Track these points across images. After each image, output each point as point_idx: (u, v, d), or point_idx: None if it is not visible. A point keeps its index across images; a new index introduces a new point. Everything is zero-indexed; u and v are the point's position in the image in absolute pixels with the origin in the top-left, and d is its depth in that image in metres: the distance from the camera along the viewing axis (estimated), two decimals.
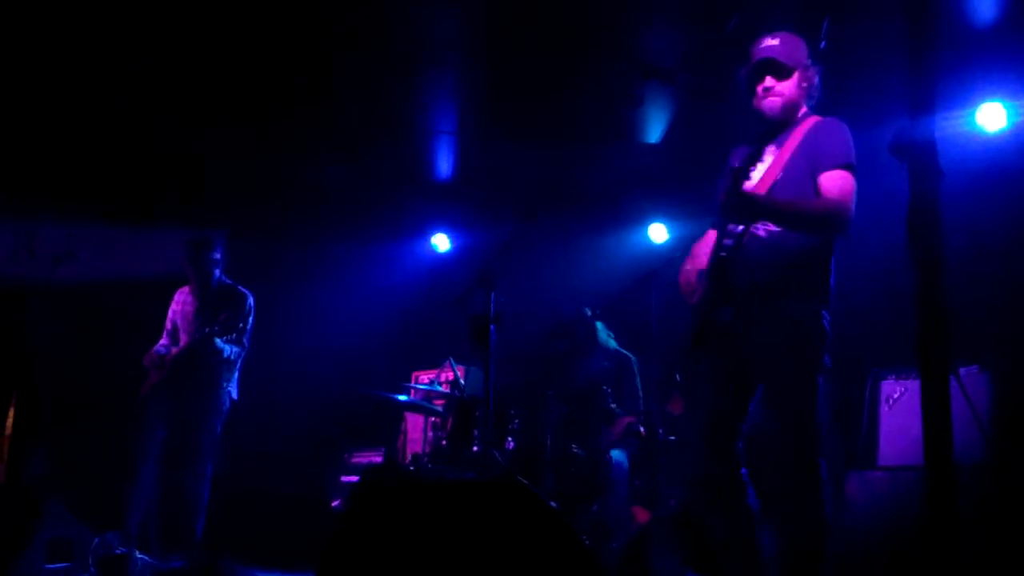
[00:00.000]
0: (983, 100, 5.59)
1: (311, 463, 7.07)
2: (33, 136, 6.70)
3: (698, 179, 4.33)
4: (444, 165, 7.52)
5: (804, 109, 3.47)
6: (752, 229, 3.25)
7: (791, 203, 3.24)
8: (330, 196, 7.66)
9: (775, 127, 3.43)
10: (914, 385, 4.67)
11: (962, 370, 4.47)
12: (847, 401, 5.37)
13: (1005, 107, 5.57)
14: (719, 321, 3.27)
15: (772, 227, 3.24)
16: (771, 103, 3.38)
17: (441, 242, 8.12)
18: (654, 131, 6.64)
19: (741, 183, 3.11)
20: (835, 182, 3.23)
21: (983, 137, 5.60)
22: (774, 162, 3.32)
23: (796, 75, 3.38)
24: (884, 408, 4.82)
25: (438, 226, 8.11)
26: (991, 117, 5.58)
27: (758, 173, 3.33)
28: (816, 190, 3.27)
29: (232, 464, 6.08)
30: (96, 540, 5.22)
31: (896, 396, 4.81)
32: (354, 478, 6.47)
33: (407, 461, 6.02)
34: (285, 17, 5.36)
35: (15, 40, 5.47)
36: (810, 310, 3.26)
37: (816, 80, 3.44)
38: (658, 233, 7.13)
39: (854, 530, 4.54)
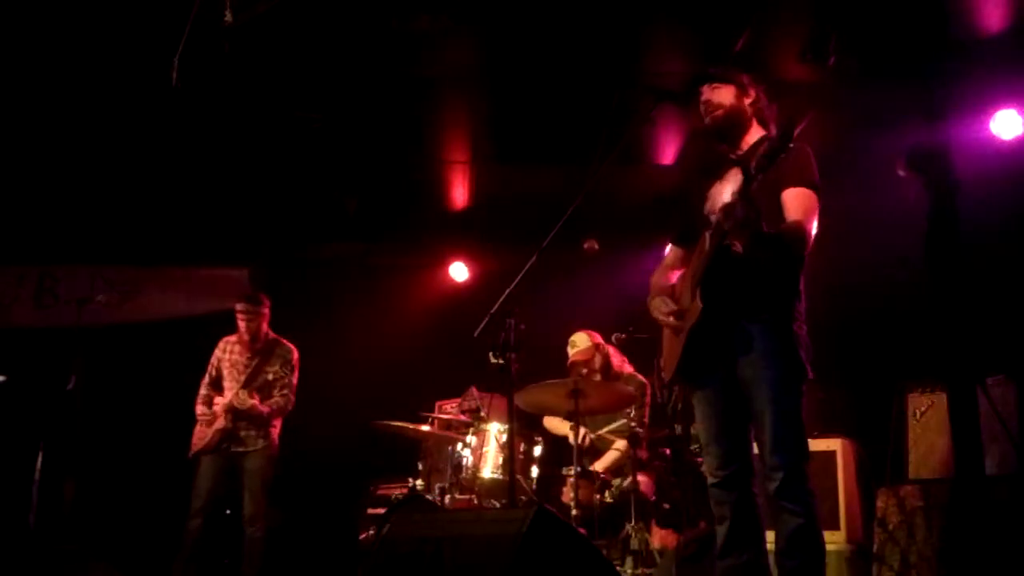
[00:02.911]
0: (998, 108, 5.57)
1: (337, 495, 7.06)
2: (55, 180, 6.78)
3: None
4: (459, 194, 7.55)
5: (760, 128, 3.52)
6: (729, 245, 3.25)
7: (780, 235, 3.24)
8: (349, 228, 7.71)
9: (731, 144, 3.51)
10: (941, 398, 4.62)
11: (988, 380, 4.42)
12: (874, 416, 5.32)
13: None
14: (713, 339, 3.28)
15: (736, 248, 3.23)
16: (713, 115, 3.48)
17: (459, 271, 8.13)
18: (668, 152, 6.66)
19: (749, 192, 3.07)
20: (799, 200, 3.27)
21: (999, 145, 5.58)
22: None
23: (733, 88, 3.49)
24: (912, 422, 4.77)
25: (456, 255, 8.13)
26: (1006, 125, 5.55)
27: (726, 193, 3.34)
28: (780, 206, 3.28)
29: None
30: None
31: (924, 409, 4.76)
32: (381, 510, 6.45)
33: (433, 491, 6.00)
34: (297, 50, 5.42)
35: (38, 76, 5.56)
36: (791, 320, 3.30)
37: (764, 100, 3.53)
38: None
39: (889, 545, 4.50)
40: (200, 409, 5.96)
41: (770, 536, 3.32)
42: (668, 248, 3.78)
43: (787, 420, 3.22)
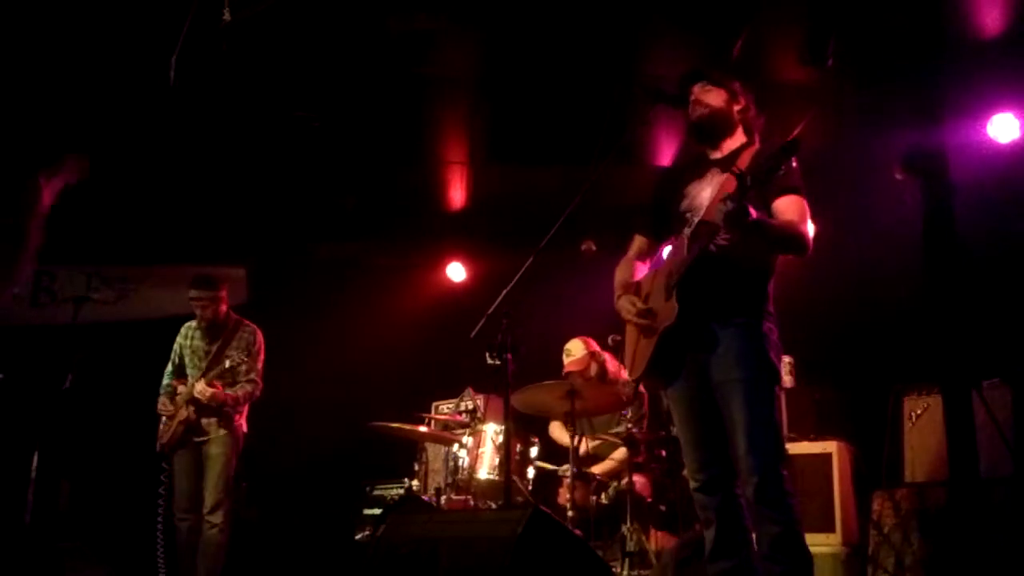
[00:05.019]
0: (995, 111, 5.58)
1: (333, 496, 7.06)
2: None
3: None
4: (457, 194, 7.55)
5: (743, 135, 3.52)
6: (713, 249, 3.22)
7: (780, 226, 3.25)
8: (346, 228, 7.71)
9: (712, 146, 3.52)
10: (936, 400, 4.63)
11: (984, 383, 4.42)
12: (870, 418, 5.33)
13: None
14: (685, 341, 3.27)
15: (721, 243, 3.21)
16: (699, 113, 3.49)
17: (457, 271, 8.13)
18: (666, 154, 6.66)
19: (745, 194, 3.03)
20: (792, 207, 3.27)
21: (996, 148, 5.58)
22: (724, 185, 3.29)
23: (724, 92, 3.51)
24: (907, 425, 4.78)
25: (454, 255, 8.14)
26: (1003, 128, 5.56)
27: (707, 194, 3.36)
28: (770, 214, 3.27)
29: (252, 497, 6.10)
30: None
31: (919, 412, 4.77)
32: (377, 510, 6.46)
33: (429, 492, 6.01)
34: (296, 48, 5.42)
35: (35, 74, 5.56)
36: (762, 322, 3.30)
37: (752, 109, 3.54)
38: None
39: (884, 548, 4.50)
40: (162, 402, 5.80)
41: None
42: (634, 239, 3.75)
43: (760, 422, 3.20)
